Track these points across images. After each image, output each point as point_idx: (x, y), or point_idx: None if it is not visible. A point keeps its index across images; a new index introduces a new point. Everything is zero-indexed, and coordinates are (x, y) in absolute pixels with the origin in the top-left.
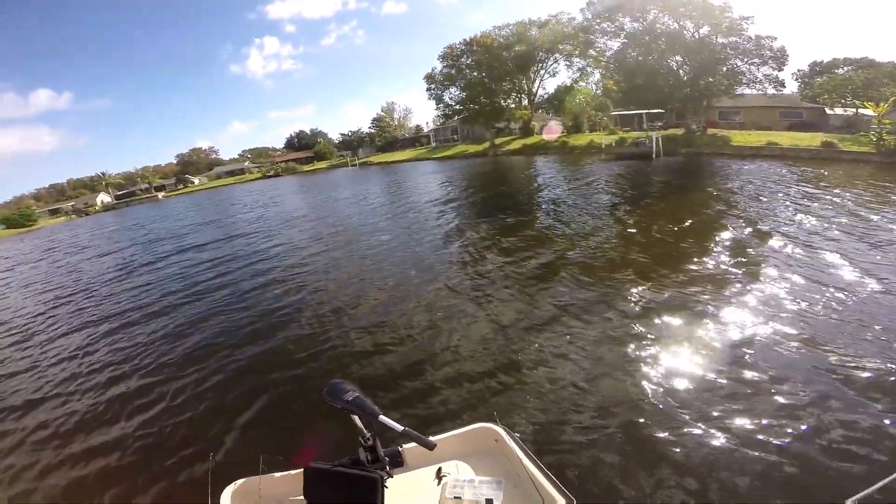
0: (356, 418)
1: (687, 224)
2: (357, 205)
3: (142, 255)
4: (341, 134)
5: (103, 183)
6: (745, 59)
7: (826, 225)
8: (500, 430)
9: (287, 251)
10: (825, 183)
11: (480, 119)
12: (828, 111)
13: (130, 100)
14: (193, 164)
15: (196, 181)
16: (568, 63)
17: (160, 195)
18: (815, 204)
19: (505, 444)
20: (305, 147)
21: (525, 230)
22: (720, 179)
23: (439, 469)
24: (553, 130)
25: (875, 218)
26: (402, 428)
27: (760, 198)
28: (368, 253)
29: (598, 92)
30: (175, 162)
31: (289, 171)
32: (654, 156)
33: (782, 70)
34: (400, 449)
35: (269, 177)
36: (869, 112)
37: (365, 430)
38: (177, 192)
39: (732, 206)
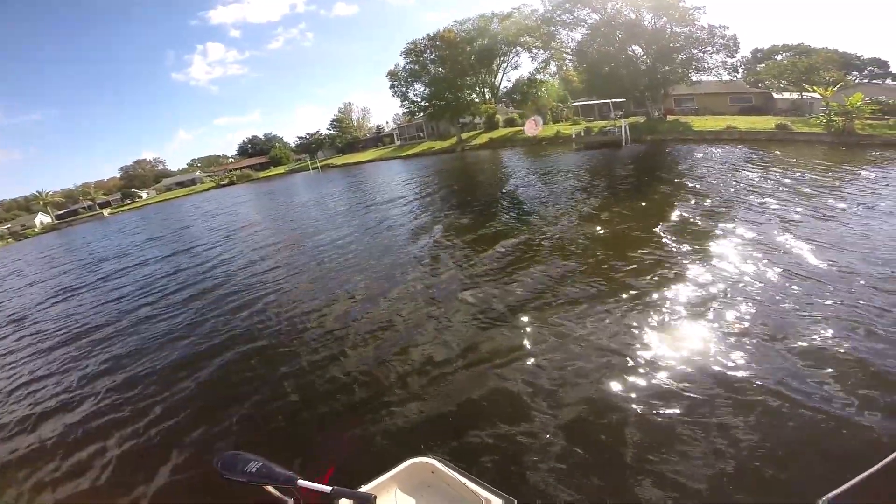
0: (271, 490)
1: (670, 212)
2: (319, 209)
3: (87, 276)
4: (298, 137)
5: (41, 203)
6: (700, 48)
7: (800, 204)
8: (432, 461)
9: (239, 264)
10: (789, 162)
11: (446, 114)
12: (775, 95)
13: (64, 112)
14: (139, 177)
15: (144, 195)
16: (532, 56)
17: (105, 212)
18: (786, 181)
19: (443, 474)
20: (260, 153)
21: (518, 234)
22: (691, 164)
23: None
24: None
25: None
26: (330, 488)
27: (733, 180)
28: (326, 259)
29: (557, 83)
30: (119, 176)
31: (244, 179)
32: (623, 144)
33: (734, 57)
34: None
35: (223, 185)
36: (815, 95)
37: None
38: (124, 208)
39: (709, 189)
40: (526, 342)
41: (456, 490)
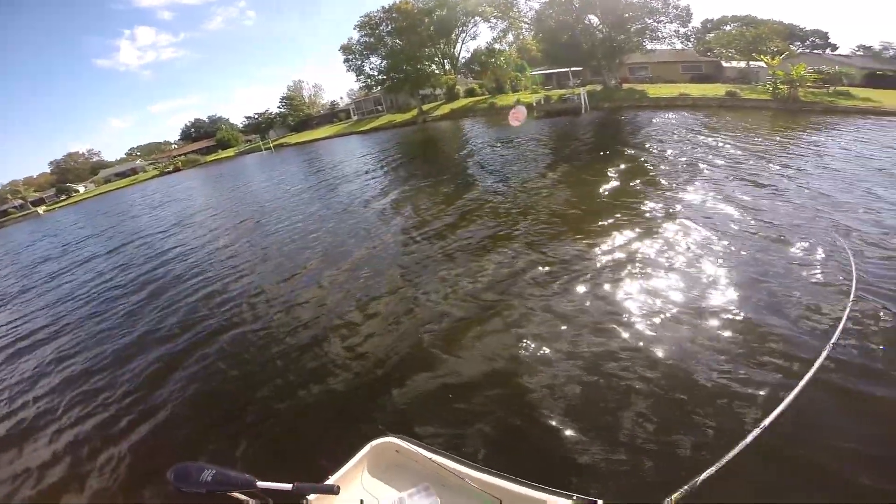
0: (237, 496)
1: (629, 177)
2: (274, 189)
3: (27, 279)
4: (246, 117)
5: None
6: (654, 18)
7: (746, 168)
8: (395, 440)
9: (193, 251)
10: (739, 127)
11: (406, 87)
12: (724, 64)
13: None
14: (73, 170)
15: (81, 189)
16: (491, 25)
17: (40, 210)
18: (736, 145)
19: (409, 452)
20: (205, 136)
21: (482, 201)
22: (648, 130)
23: (361, 501)
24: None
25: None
26: (291, 485)
27: (686, 145)
28: (285, 240)
29: (514, 52)
30: (50, 171)
31: (190, 164)
32: (582, 111)
33: (687, 27)
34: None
35: (168, 173)
36: (761, 64)
37: None
38: (60, 204)
39: (664, 154)
40: (482, 311)
41: (423, 466)
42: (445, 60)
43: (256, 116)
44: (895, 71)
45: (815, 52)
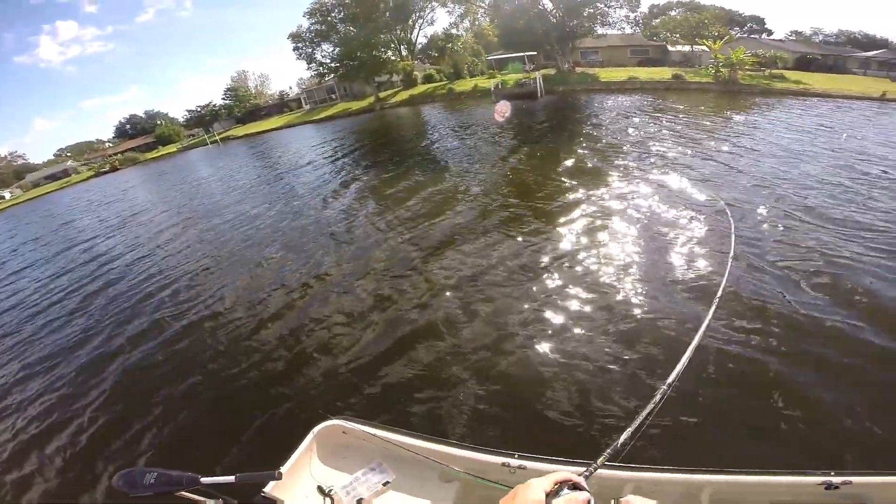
0: (186, 494)
1: (583, 157)
2: (223, 184)
3: None
4: (188, 111)
5: None
6: (605, 3)
7: (690, 145)
8: (339, 422)
9: (137, 253)
10: (684, 109)
11: (361, 74)
12: (670, 48)
13: None
14: None
15: (7, 195)
16: (449, 10)
17: None
18: (681, 125)
19: (356, 432)
20: (143, 132)
21: (441, 184)
22: (600, 112)
23: (318, 487)
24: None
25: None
26: (234, 477)
27: (635, 126)
28: (235, 236)
29: (471, 37)
30: None
31: (129, 163)
32: (538, 95)
33: (636, 12)
34: (263, 495)
35: (105, 172)
36: (704, 48)
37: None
38: None
39: (616, 135)
40: (428, 293)
41: (373, 444)
42: (402, 46)
43: (199, 109)
44: (823, 55)
45: (753, 36)
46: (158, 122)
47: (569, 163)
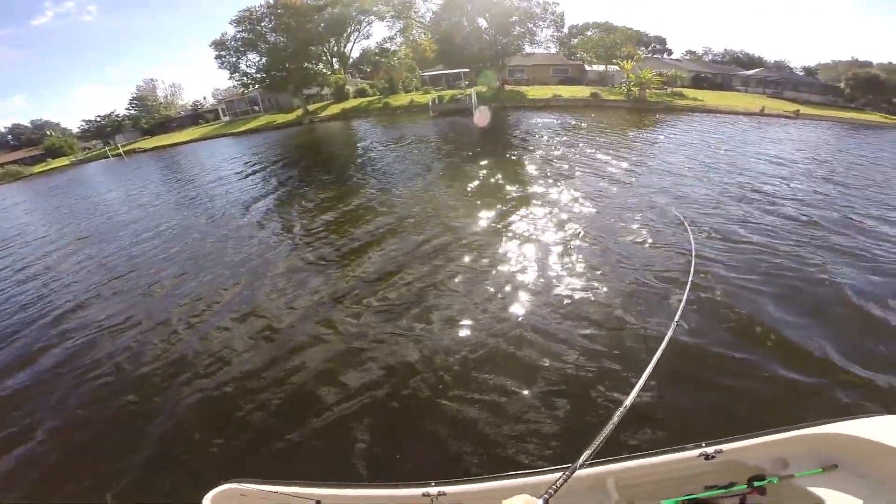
0: None
1: (517, 173)
2: (126, 202)
3: None
4: (85, 121)
5: None
6: (533, 22)
7: (604, 161)
8: (236, 486)
9: (25, 276)
10: (600, 126)
11: (289, 86)
12: (587, 67)
13: None
14: None
15: None
16: (389, 24)
17: None
18: (599, 141)
19: (255, 492)
20: (29, 144)
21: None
22: (528, 128)
23: None
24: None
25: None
26: None
27: (561, 143)
28: (135, 258)
29: (409, 53)
30: None
31: (10, 178)
32: (473, 111)
33: (561, 32)
34: None
35: None
36: (616, 68)
37: None
38: None
39: (543, 149)
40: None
41: (277, 501)
42: (334, 59)
43: (99, 120)
44: (714, 73)
45: (656, 56)
46: (48, 133)
47: (475, 183)
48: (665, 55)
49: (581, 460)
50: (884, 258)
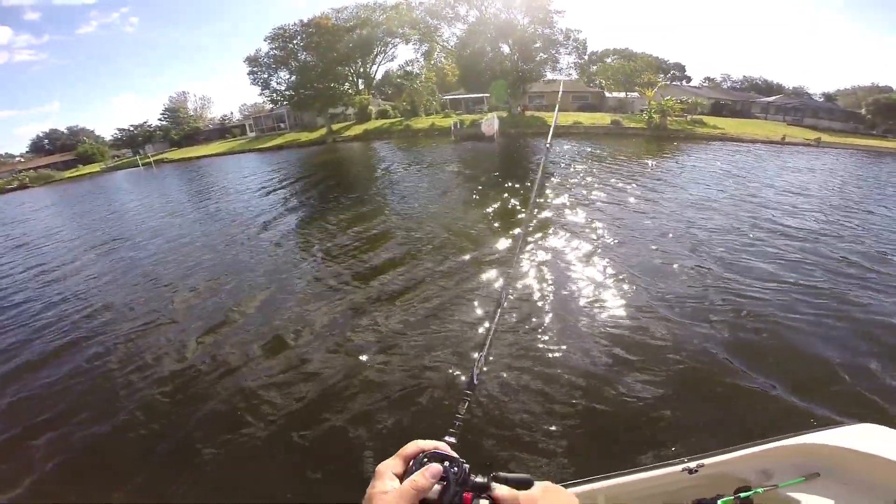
0: None
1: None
2: (153, 211)
3: None
4: (118, 129)
5: None
6: (556, 49)
7: (627, 189)
8: None
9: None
10: (621, 154)
11: (315, 105)
12: (607, 94)
13: None
14: None
15: None
16: (416, 47)
17: None
18: (620, 171)
19: None
20: (63, 149)
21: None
22: (551, 156)
23: None
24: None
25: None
26: None
27: (582, 170)
28: (160, 270)
29: (433, 76)
30: None
31: (42, 181)
32: (495, 136)
33: (583, 59)
34: None
35: (11, 190)
36: (636, 95)
37: None
38: None
39: (567, 178)
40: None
41: None
42: (360, 80)
43: (132, 129)
44: (733, 101)
45: (675, 83)
46: (83, 140)
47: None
48: (683, 82)
49: None
50: None
